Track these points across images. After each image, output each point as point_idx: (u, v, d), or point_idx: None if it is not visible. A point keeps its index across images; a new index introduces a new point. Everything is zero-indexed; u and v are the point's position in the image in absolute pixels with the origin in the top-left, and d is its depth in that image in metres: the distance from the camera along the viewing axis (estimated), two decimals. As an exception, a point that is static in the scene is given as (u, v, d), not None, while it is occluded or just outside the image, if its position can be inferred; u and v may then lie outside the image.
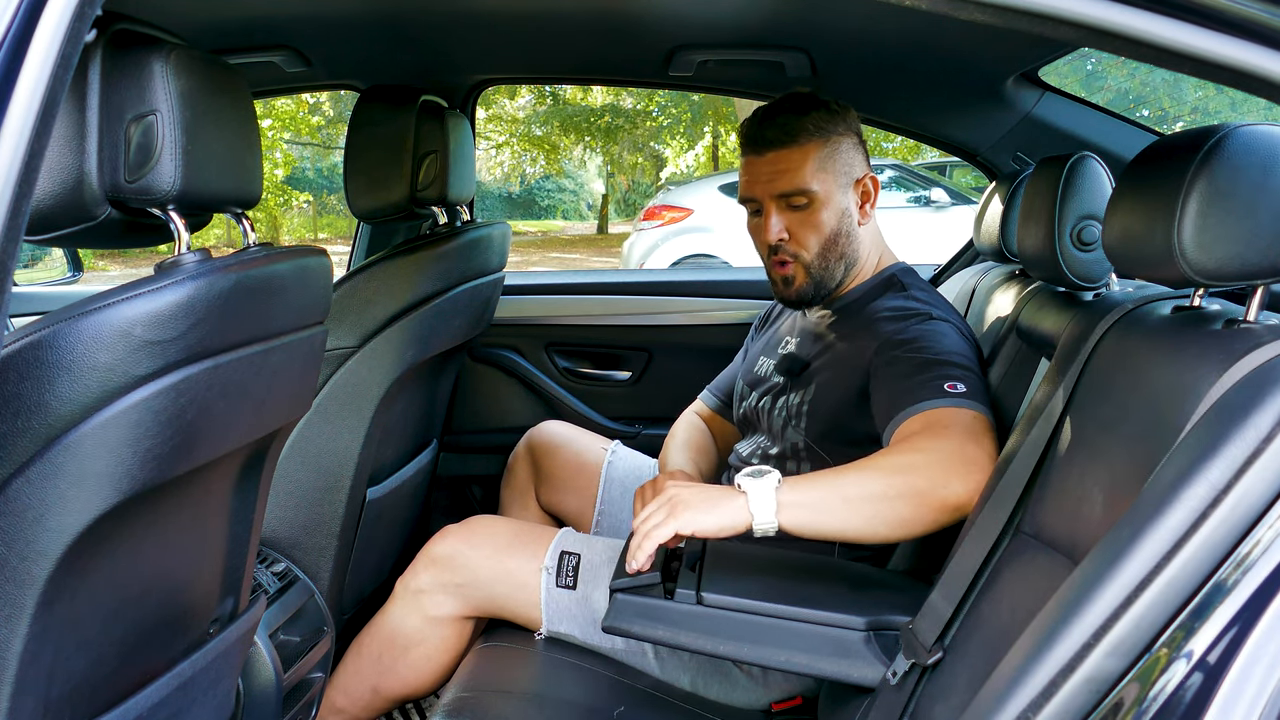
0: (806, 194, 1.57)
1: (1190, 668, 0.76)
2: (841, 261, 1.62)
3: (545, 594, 1.53)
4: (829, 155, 1.58)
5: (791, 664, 1.30)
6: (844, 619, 1.30)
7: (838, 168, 1.59)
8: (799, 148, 1.56)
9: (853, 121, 1.63)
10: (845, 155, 1.60)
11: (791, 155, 1.56)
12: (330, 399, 1.68)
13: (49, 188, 0.88)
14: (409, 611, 1.60)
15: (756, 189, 1.60)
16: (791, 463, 1.60)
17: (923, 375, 1.41)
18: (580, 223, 19.14)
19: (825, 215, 1.58)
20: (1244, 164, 0.90)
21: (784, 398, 1.64)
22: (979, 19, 0.89)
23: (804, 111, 1.58)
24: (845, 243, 1.61)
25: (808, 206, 1.58)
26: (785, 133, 1.56)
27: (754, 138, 1.60)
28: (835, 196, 1.59)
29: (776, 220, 1.59)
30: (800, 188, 1.57)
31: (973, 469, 1.27)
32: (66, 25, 0.75)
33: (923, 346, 1.46)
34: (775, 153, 1.57)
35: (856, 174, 1.62)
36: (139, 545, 0.99)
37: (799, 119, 1.57)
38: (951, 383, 1.39)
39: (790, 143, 1.56)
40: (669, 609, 1.31)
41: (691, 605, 1.31)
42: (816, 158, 1.57)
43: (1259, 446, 0.78)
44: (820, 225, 1.59)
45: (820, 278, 1.62)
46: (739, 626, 1.30)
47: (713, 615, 1.31)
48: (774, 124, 1.57)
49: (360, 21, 1.94)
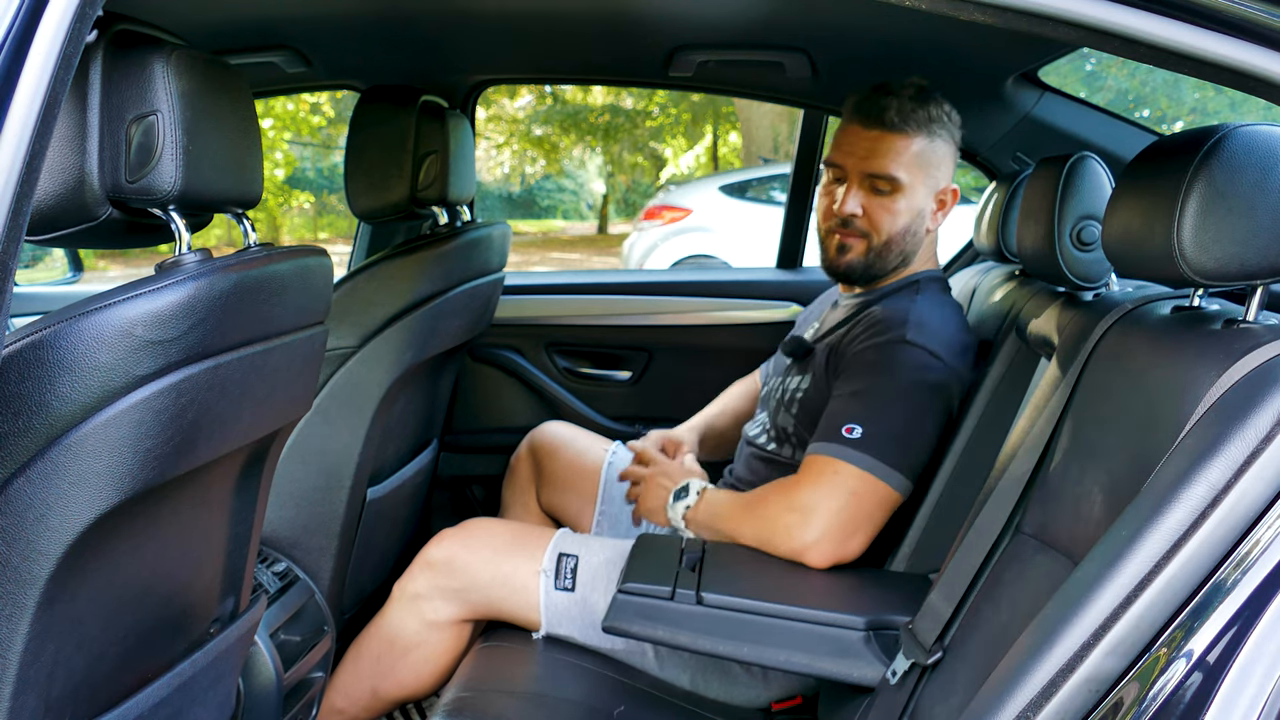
0: (894, 182, 1.58)
1: (1190, 667, 0.76)
2: (899, 256, 1.64)
3: (544, 596, 1.53)
4: (926, 154, 1.59)
5: (791, 664, 1.30)
6: (844, 619, 1.30)
7: (930, 168, 1.60)
8: (904, 135, 1.57)
9: (956, 130, 1.64)
10: (940, 158, 1.62)
11: (895, 140, 1.57)
12: (330, 399, 1.68)
13: (50, 188, 0.88)
14: (407, 616, 1.60)
15: (849, 160, 1.60)
16: (787, 447, 1.65)
17: (838, 408, 1.49)
18: (580, 223, 19.12)
19: (902, 206, 1.60)
20: (1243, 164, 0.90)
21: (785, 379, 1.70)
22: (979, 19, 0.89)
23: (923, 103, 1.58)
24: (910, 241, 1.64)
25: (889, 194, 1.59)
26: (899, 115, 1.56)
27: (867, 109, 1.59)
28: (918, 194, 1.61)
29: (856, 195, 1.60)
30: (890, 174, 1.58)
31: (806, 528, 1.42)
32: (68, 26, 0.75)
33: (863, 373, 1.50)
34: (881, 132, 1.57)
35: (942, 182, 1.64)
36: (139, 545, 0.99)
37: (915, 107, 1.57)
38: (850, 425, 1.44)
39: (900, 127, 1.57)
40: (669, 609, 1.31)
41: (691, 605, 1.31)
42: (915, 151, 1.58)
43: (1258, 446, 0.78)
44: (896, 214, 1.60)
45: (874, 262, 1.64)
46: (738, 626, 1.30)
47: (712, 615, 1.31)
48: (890, 102, 1.56)
49: (360, 21, 1.94)
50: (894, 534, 1.56)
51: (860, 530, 1.43)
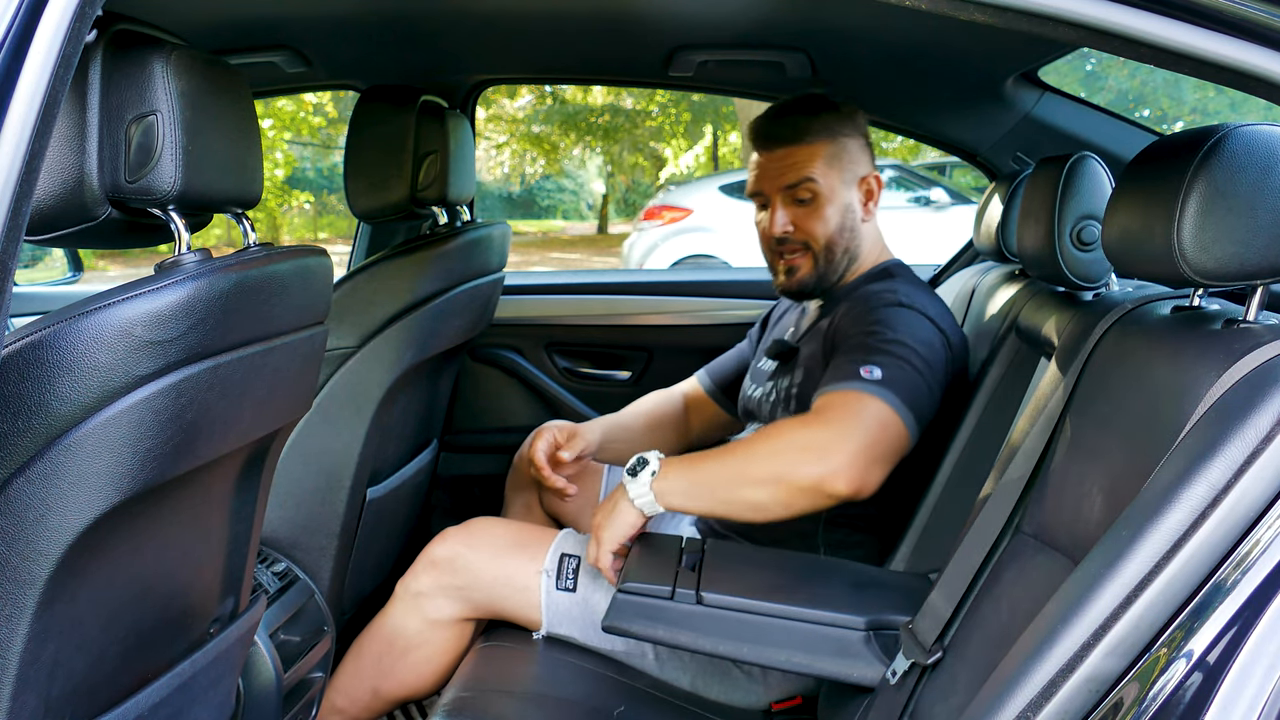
0: (811, 185, 1.62)
1: (1190, 668, 0.76)
2: (845, 256, 1.67)
3: (545, 596, 1.53)
4: (835, 154, 1.64)
5: (791, 663, 1.30)
6: (844, 619, 1.30)
7: (843, 165, 1.64)
8: (807, 146, 1.62)
9: (860, 123, 1.69)
10: (851, 154, 1.66)
11: (799, 152, 1.62)
12: (330, 399, 1.68)
13: (49, 188, 0.88)
14: (409, 614, 1.60)
15: (764, 184, 1.66)
16: None
17: (851, 356, 1.45)
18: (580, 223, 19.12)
19: (830, 210, 1.64)
20: (1243, 164, 0.90)
21: (774, 382, 1.70)
22: (979, 19, 0.89)
23: (814, 113, 1.64)
24: (849, 237, 1.66)
25: (812, 201, 1.63)
26: (795, 131, 1.62)
27: (764, 134, 1.66)
28: (840, 192, 1.64)
29: (782, 213, 1.65)
30: (806, 176, 1.62)
31: (829, 452, 1.33)
32: (67, 25, 0.75)
33: (871, 330, 1.49)
34: (784, 149, 1.63)
35: (861, 172, 1.67)
36: (139, 545, 0.99)
37: (809, 119, 1.63)
38: (869, 367, 1.40)
39: (799, 140, 1.62)
40: (669, 609, 1.31)
41: (691, 605, 1.31)
42: (824, 155, 1.63)
43: (1258, 446, 0.78)
44: (825, 219, 1.64)
45: (824, 270, 1.67)
46: (739, 626, 1.30)
47: (712, 615, 1.31)
48: (784, 122, 1.64)
49: (360, 21, 1.94)
50: (894, 534, 1.56)
51: (881, 462, 1.36)
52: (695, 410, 2.01)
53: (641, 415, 1.96)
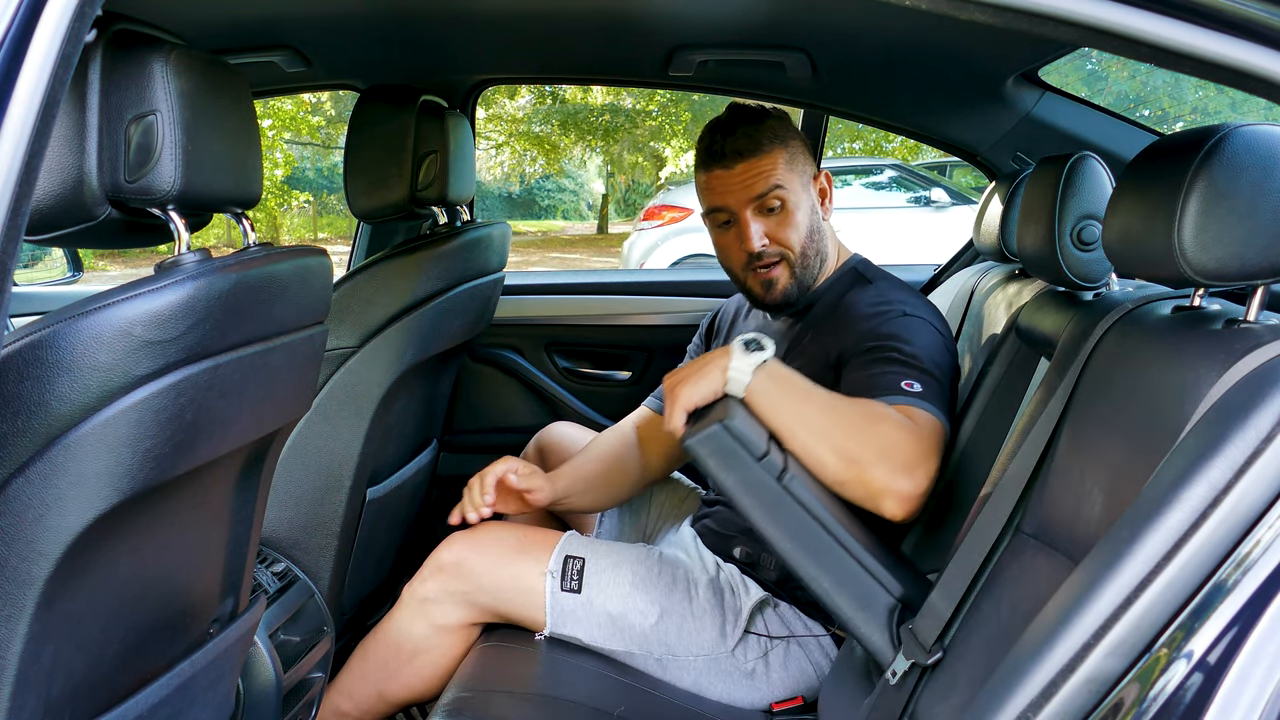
0: (780, 193, 1.59)
1: (1190, 668, 0.76)
2: (818, 258, 1.65)
3: (550, 597, 1.54)
4: (791, 158, 1.62)
5: (818, 584, 1.27)
6: (886, 577, 1.27)
7: (799, 168, 1.63)
8: (767, 155, 1.59)
9: (795, 126, 1.67)
10: (802, 156, 1.65)
11: (761, 163, 1.59)
12: (330, 399, 1.68)
13: (49, 188, 0.88)
14: (415, 619, 1.60)
15: (729, 199, 1.61)
16: None
17: (883, 368, 1.43)
18: (580, 223, 19.13)
19: (799, 215, 1.61)
20: (1244, 164, 0.90)
21: None
22: (979, 19, 0.89)
23: (759, 121, 1.61)
24: (818, 239, 1.65)
25: (781, 208, 1.60)
26: (751, 142, 1.59)
27: (720, 152, 1.61)
28: (803, 196, 1.63)
29: (756, 226, 1.60)
30: (776, 184, 1.59)
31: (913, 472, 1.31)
32: (66, 25, 0.75)
33: (893, 345, 1.47)
34: (745, 162, 1.59)
35: (812, 172, 1.67)
36: (139, 545, 0.99)
37: (758, 128, 1.60)
38: (909, 381, 1.41)
39: (758, 150, 1.59)
40: (750, 465, 1.27)
41: (771, 476, 1.27)
42: (783, 161, 1.61)
43: (1259, 447, 0.78)
44: (798, 224, 1.61)
45: (802, 276, 1.64)
46: (795, 522, 1.27)
47: (782, 499, 1.27)
48: (738, 135, 1.60)
49: (360, 21, 1.94)
50: (894, 534, 1.56)
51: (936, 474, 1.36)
52: (652, 441, 1.83)
53: (598, 463, 1.78)
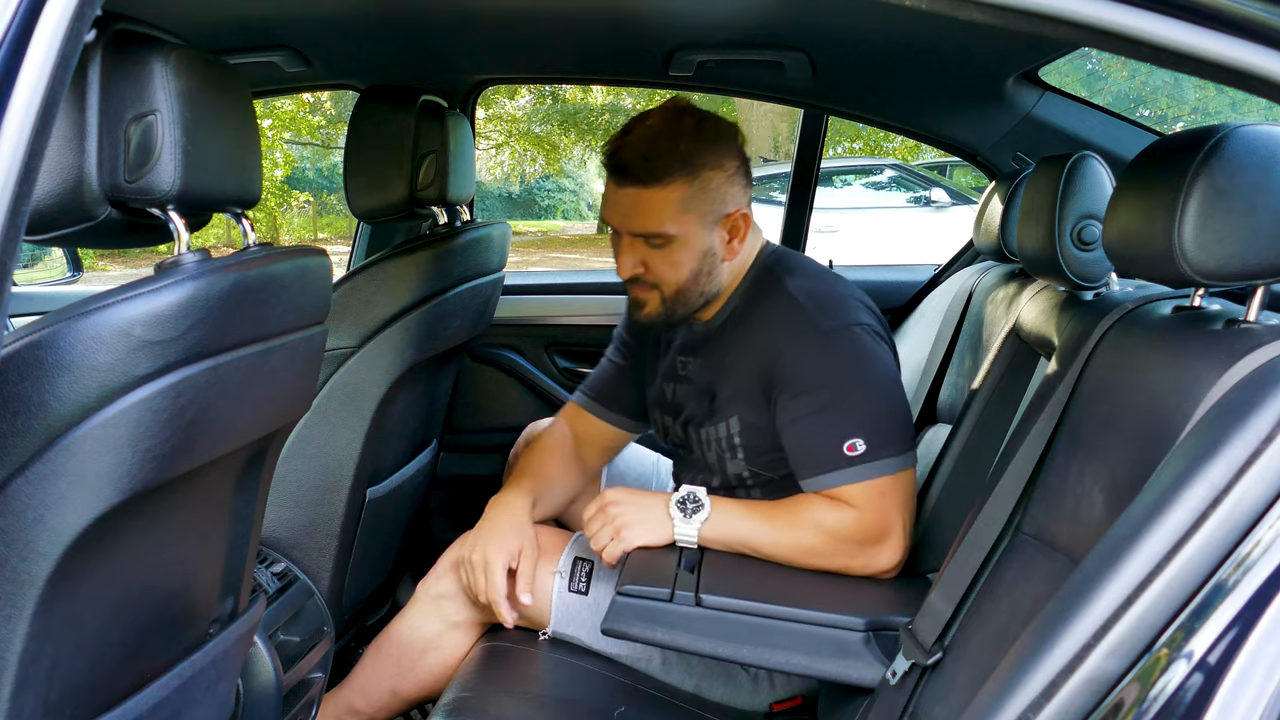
0: (663, 237, 1.44)
1: (1190, 668, 0.75)
2: (700, 297, 1.51)
3: (556, 597, 1.54)
4: (694, 195, 1.43)
5: (791, 665, 1.30)
6: (844, 620, 1.30)
7: (703, 207, 1.44)
8: (660, 188, 1.41)
9: (730, 148, 1.47)
10: (714, 192, 1.44)
11: (652, 196, 1.42)
12: (330, 399, 1.68)
13: (49, 188, 0.88)
14: (429, 615, 1.61)
15: (614, 218, 1.48)
16: (740, 491, 1.58)
17: (820, 432, 1.42)
18: (580, 223, 19.12)
19: (683, 256, 1.46)
20: (1244, 164, 0.90)
21: (706, 430, 1.57)
22: (979, 19, 0.88)
23: (674, 140, 1.42)
24: (705, 280, 1.49)
25: (664, 246, 1.45)
26: (649, 171, 1.41)
27: (616, 166, 1.44)
28: (698, 237, 1.45)
29: (630, 255, 1.48)
30: (657, 231, 1.44)
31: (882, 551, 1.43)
32: (66, 25, 0.75)
33: (826, 389, 1.42)
34: (635, 190, 1.42)
35: (726, 210, 1.47)
36: (139, 545, 0.99)
37: (668, 152, 1.41)
38: (851, 442, 1.40)
39: (652, 182, 1.41)
40: (668, 611, 1.31)
41: (690, 607, 1.31)
42: (680, 199, 1.42)
43: (1259, 447, 0.78)
44: (678, 265, 1.46)
45: (672, 310, 1.51)
46: (738, 628, 1.30)
47: (712, 617, 1.31)
48: (639, 157, 1.42)
49: (360, 21, 1.94)
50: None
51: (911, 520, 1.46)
52: (590, 441, 1.79)
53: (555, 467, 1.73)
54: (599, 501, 1.50)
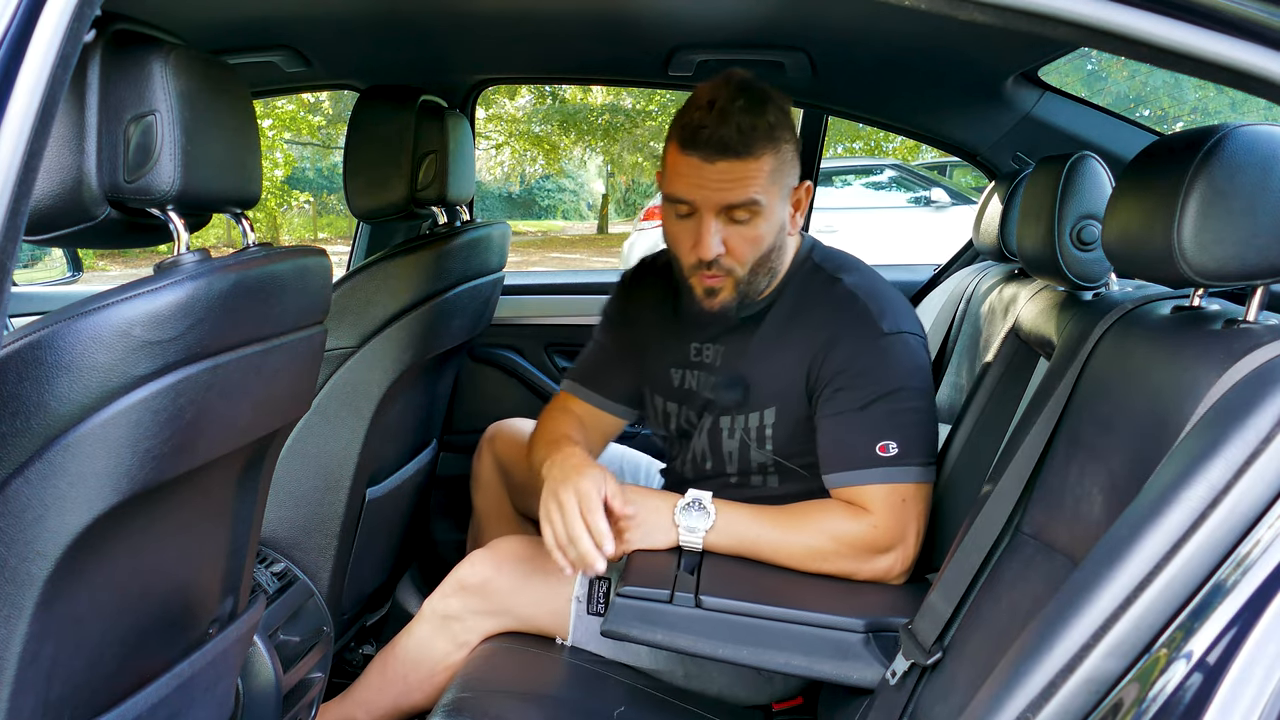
0: (754, 207, 1.42)
1: (1190, 668, 0.75)
2: (768, 276, 1.51)
3: (575, 619, 1.54)
4: (778, 166, 1.43)
5: (790, 666, 1.30)
6: (843, 621, 1.30)
7: (782, 179, 1.44)
8: (755, 160, 1.40)
9: (792, 121, 1.48)
10: (789, 163, 1.45)
11: (747, 167, 1.39)
12: (330, 399, 1.68)
13: (48, 188, 0.88)
14: (437, 635, 1.59)
15: (699, 195, 1.42)
16: (757, 477, 1.57)
17: (858, 429, 1.43)
18: (580, 223, 19.13)
19: (765, 229, 1.44)
20: (1244, 164, 0.90)
21: (730, 419, 1.55)
22: (979, 19, 0.88)
23: (760, 110, 1.40)
24: (775, 257, 1.49)
25: (749, 221, 1.43)
26: (743, 142, 1.38)
27: (705, 140, 1.39)
28: (777, 209, 1.45)
29: (715, 233, 1.43)
30: (751, 199, 1.41)
31: (893, 558, 1.42)
32: (65, 25, 0.75)
33: (870, 386, 1.43)
34: (728, 163, 1.39)
35: (794, 183, 1.48)
36: (138, 545, 0.99)
37: (755, 122, 1.39)
38: (884, 443, 1.41)
39: (746, 154, 1.39)
40: (668, 612, 1.31)
41: (690, 609, 1.31)
42: (769, 170, 1.41)
43: (1259, 447, 0.78)
44: (759, 240, 1.45)
45: (745, 293, 1.49)
46: (738, 629, 1.30)
47: (711, 618, 1.31)
48: (730, 126, 1.38)
49: (360, 21, 1.94)
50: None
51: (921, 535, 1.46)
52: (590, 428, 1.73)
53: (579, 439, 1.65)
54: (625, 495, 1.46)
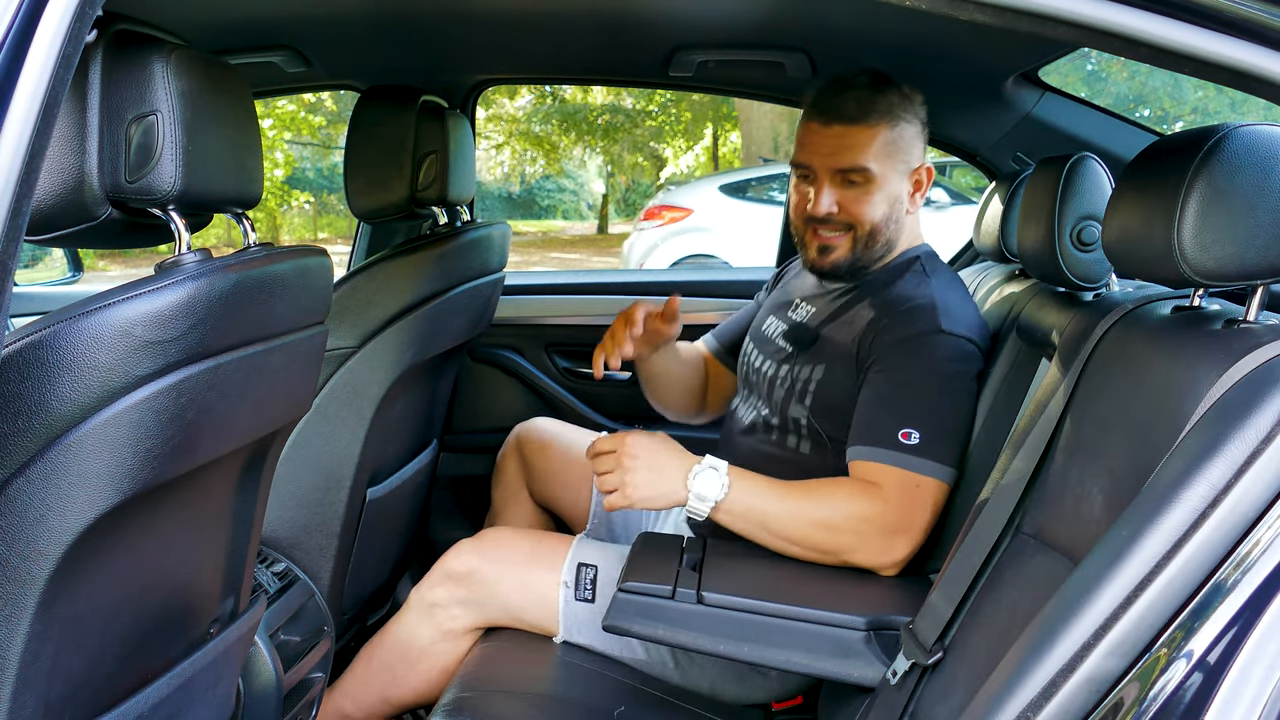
0: (865, 173, 1.54)
1: (1190, 668, 0.76)
2: (885, 245, 1.59)
3: (564, 606, 1.53)
4: (894, 140, 1.54)
5: (791, 663, 1.30)
6: (845, 619, 1.30)
7: (899, 154, 1.55)
8: (868, 127, 1.53)
9: (920, 109, 1.60)
10: (908, 142, 1.56)
11: (859, 133, 1.53)
12: (330, 399, 1.68)
13: (50, 188, 0.88)
14: (422, 623, 1.60)
15: (815, 158, 1.56)
16: (792, 437, 1.59)
17: (887, 410, 1.44)
18: (580, 223, 19.12)
19: (878, 197, 1.55)
20: (1243, 164, 0.90)
21: (789, 367, 1.61)
22: (979, 19, 0.89)
23: (879, 90, 1.54)
24: (892, 229, 1.59)
25: (862, 185, 1.55)
26: (858, 108, 1.52)
27: (824, 106, 1.55)
28: (892, 182, 1.56)
29: (829, 193, 1.56)
30: (860, 165, 1.53)
31: (894, 546, 1.41)
32: (67, 25, 0.75)
33: (903, 367, 1.46)
34: (843, 127, 1.53)
35: (914, 162, 1.59)
36: (139, 545, 0.99)
37: (873, 97, 1.53)
38: (907, 431, 1.41)
39: (860, 120, 1.52)
40: (670, 608, 1.31)
41: (692, 604, 1.31)
42: (882, 140, 1.53)
43: (1259, 446, 0.78)
44: (874, 204, 1.56)
45: (860, 255, 1.59)
46: (739, 626, 1.30)
47: (713, 614, 1.31)
48: (847, 97, 1.53)
49: (360, 21, 1.94)
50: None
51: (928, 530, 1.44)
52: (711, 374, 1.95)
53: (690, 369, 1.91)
54: (618, 440, 1.47)
